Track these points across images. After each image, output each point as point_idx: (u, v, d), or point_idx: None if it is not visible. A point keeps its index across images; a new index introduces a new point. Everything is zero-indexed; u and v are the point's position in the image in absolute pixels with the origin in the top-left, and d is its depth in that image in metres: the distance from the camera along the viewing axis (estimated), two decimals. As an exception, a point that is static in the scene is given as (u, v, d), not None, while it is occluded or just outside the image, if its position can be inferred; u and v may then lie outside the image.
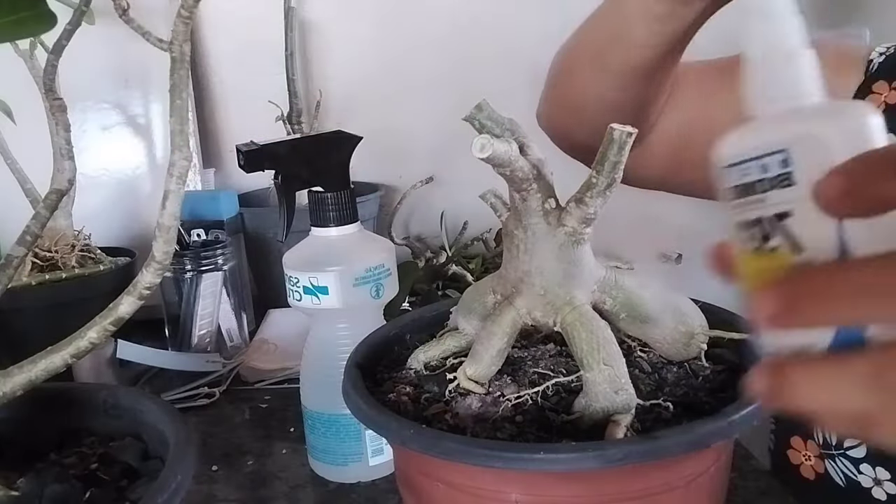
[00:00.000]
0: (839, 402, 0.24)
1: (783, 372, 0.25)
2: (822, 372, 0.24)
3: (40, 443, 0.46)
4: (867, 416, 0.24)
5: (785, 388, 0.25)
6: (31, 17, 0.38)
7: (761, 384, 0.26)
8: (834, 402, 0.24)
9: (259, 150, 0.58)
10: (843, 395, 0.24)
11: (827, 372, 0.24)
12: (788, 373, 0.25)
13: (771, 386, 0.25)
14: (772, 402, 0.25)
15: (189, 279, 0.85)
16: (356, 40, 1.14)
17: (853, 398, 0.24)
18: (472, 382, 0.43)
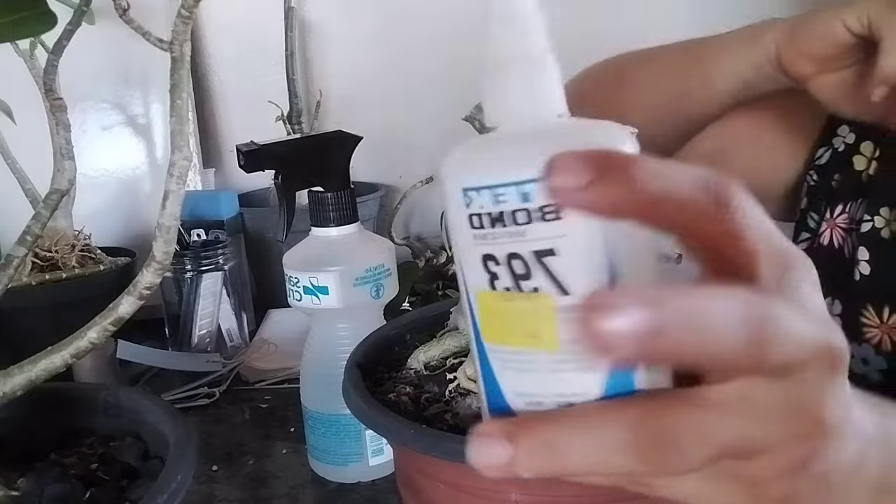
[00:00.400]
0: (597, 464, 0.21)
1: (535, 433, 0.21)
2: (583, 436, 0.21)
3: (40, 443, 0.46)
4: (622, 476, 0.23)
5: (538, 453, 0.21)
6: (31, 17, 0.38)
7: (495, 452, 0.21)
8: (592, 465, 0.21)
9: (259, 150, 0.58)
10: (603, 459, 0.20)
11: (588, 435, 0.21)
12: (542, 436, 0.21)
13: (521, 451, 0.21)
14: (511, 469, 0.21)
15: (189, 279, 0.85)
16: (356, 40, 1.14)
17: (614, 461, 0.20)
18: (472, 382, 0.43)
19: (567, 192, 0.19)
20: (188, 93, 0.38)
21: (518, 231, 0.22)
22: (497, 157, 0.22)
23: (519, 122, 0.24)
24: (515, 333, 0.22)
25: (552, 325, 0.22)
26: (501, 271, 0.22)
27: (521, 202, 0.21)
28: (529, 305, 0.22)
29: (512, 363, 0.23)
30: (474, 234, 0.23)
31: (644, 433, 0.20)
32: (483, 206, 0.22)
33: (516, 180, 0.21)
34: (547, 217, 0.21)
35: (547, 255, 0.21)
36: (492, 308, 0.23)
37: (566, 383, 0.22)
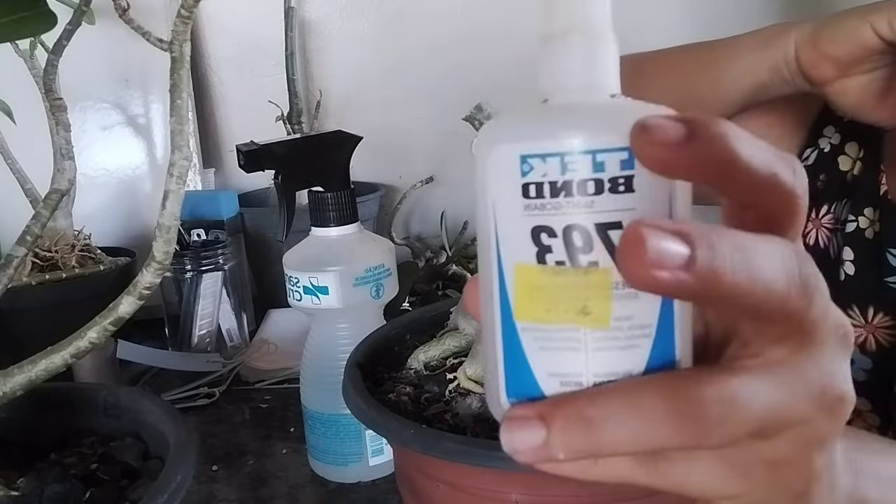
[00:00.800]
0: (633, 439, 0.20)
1: (569, 411, 0.21)
2: (620, 410, 0.21)
3: (40, 443, 0.46)
4: (658, 454, 0.22)
5: (573, 431, 0.21)
6: (31, 17, 0.38)
7: (531, 434, 0.21)
8: (629, 439, 0.20)
9: (259, 150, 0.58)
10: (640, 432, 0.20)
11: (621, 405, 0.21)
12: (579, 411, 0.21)
13: (555, 430, 0.21)
14: (548, 452, 0.21)
15: (189, 279, 0.85)
16: (356, 40, 1.14)
17: (651, 433, 0.20)
18: (472, 382, 0.43)
19: (662, 150, 0.19)
20: (188, 93, 0.38)
21: (585, 202, 0.21)
22: (567, 124, 0.21)
23: (573, 96, 0.23)
24: (562, 309, 0.22)
25: (607, 301, 0.21)
26: (556, 244, 0.21)
27: (594, 171, 0.21)
28: (584, 280, 0.21)
29: (551, 342, 0.22)
30: (527, 204, 0.22)
31: (682, 401, 0.20)
32: (546, 173, 0.21)
33: (592, 148, 0.21)
34: (619, 188, 0.21)
35: (612, 228, 0.21)
36: (535, 283, 0.22)
37: (611, 361, 0.22)
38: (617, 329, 0.21)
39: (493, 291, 0.23)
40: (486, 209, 0.23)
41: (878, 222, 0.59)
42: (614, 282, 0.21)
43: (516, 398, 0.23)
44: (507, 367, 0.23)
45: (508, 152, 0.22)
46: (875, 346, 0.58)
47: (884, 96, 0.53)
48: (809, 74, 0.54)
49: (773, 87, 0.58)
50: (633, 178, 0.21)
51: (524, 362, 0.23)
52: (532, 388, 0.22)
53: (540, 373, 0.22)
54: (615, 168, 0.21)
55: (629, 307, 0.21)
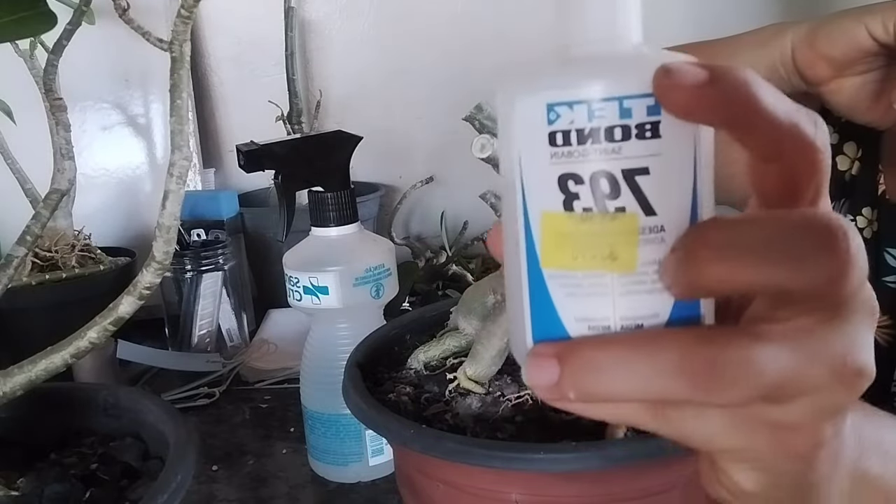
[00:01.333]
0: (644, 388, 0.21)
1: (582, 353, 0.22)
2: (633, 358, 0.21)
3: (40, 443, 0.46)
4: (665, 402, 0.23)
5: (583, 373, 0.21)
6: (32, 17, 0.38)
7: (546, 372, 0.22)
8: (638, 388, 0.21)
9: (259, 150, 0.58)
10: (649, 382, 0.21)
11: (634, 354, 0.21)
12: (591, 354, 0.21)
13: (567, 370, 0.22)
14: (560, 390, 0.22)
15: (189, 279, 0.85)
16: (356, 40, 1.14)
17: (660, 385, 0.21)
18: (472, 382, 0.43)
19: (684, 93, 0.20)
20: (188, 93, 0.38)
21: (612, 148, 0.21)
22: (593, 72, 0.22)
23: (597, 45, 0.23)
24: (588, 255, 0.22)
25: (634, 246, 0.22)
26: (583, 190, 0.22)
27: (621, 118, 0.21)
28: (611, 226, 0.22)
29: (579, 288, 0.22)
30: (554, 153, 0.22)
31: (697, 359, 0.20)
32: (574, 121, 0.21)
33: (619, 95, 0.21)
34: (646, 134, 0.21)
35: (639, 174, 0.21)
36: (562, 230, 0.22)
37: (638, 305, 0.22)
38: (643, 273, 0.22)
39: (518, 240, 0.23)
40: (512, 159, 0.23)
41: (876, 222, 0.59)
42: (641, 227, 0.21)
43: (547, 342, 0.23)
44: (533, 314, 0.23)
45: (534, 101, 0.22)
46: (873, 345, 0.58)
47: (877, 97, 0.53)
48: (805, 74, 0.54)
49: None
50: (660, 124, 0.21)
51: (551, 308, 0.23)
52: (559, 331, 0.23)
53: (567, 318, 0.23)
54: (641, 114, 0.21)
55: (655, 251, 0.22)
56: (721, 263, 0.20)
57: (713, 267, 0.20)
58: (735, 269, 0.20)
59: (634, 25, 0.23)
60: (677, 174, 0.22)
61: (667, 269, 0.21)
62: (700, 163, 0.22)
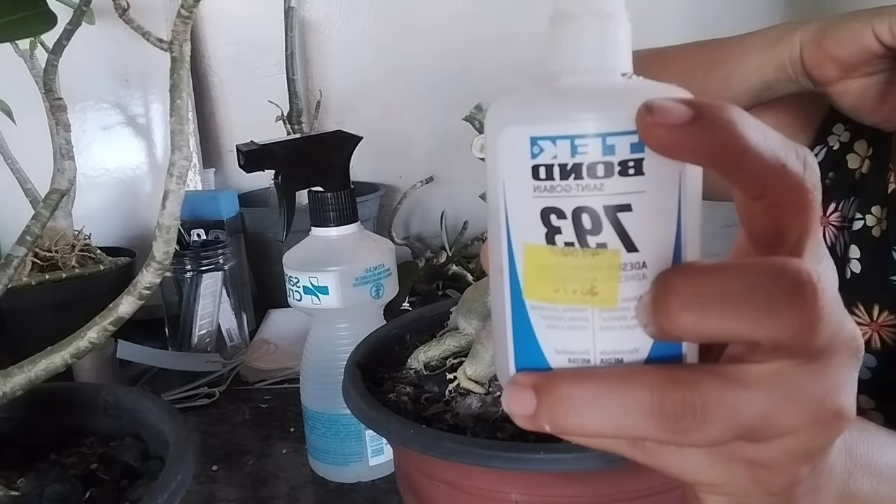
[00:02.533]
0: (616, 426, 0.21)
1: (557, 388, 0.22)
2: (606, 395, 0.21)
3: (40, 443, 0.46)
4: (637, 440, 0.23)
5: (557, 408, 0.21)
6: (32, 17, 0.38)
7: (523, 402, 0.22)
8: (610, 426, 0.21)
9: (259, 150, 0.58)
10: (621, 421, 0.21)
11: (607, 393, 0.21)
12: (566, 390, 0.21)
13: (543, 404, 0.22)
14: (536, 422, 0.22)
15: (189, 279, 0.85)
16: (356, 40, 1.14)
17: (632, 425, 0.21)
18: (472, 382, 0.43)
19: (666, 132, 0.19)
20: (188, 93, 0.38)
21: (594, 184, 0.21)
22: (577, 107, 0.22)
23: (585, 76, 0.23)
24: (570, 290, 0.22)
25: (615, 282, 0.22)
26: (565, 225, 0.22)
27: (604, 155, 0.21)
28: (593, 261, 0.22)
29: (559, 321, 0.22)
30: (537, 186, 0.22)
31: (669, 400, 0.20)
32: (557, 156, 0.21)
33: (602, 132, 0.21)
34: (629, 171, 0.21)
35: (622, 211, 0.21)
36: (544, 263, 0.22)
37: (618, 340, 0.22)
38: (624, 309, 0.22)
39: (502, 268, 0.23)
40: (497, 188, 0.23)
41: (886, 221, 0.59)
42: (622, 263, 0.22)
43: (529, 371, 0.23)
44: (516, 342, 0.23)
45: (519, 134, 0.22)
46: (880, 344, 0.58)
47: (882, 99, 0.53)
48: (812, 74, 0.54)
49: (778, 85, 0.58)
50: (643, 161, 0.21)
51: (532, 338, 0.23)
52: (540, 361, 0.23)
53: (548, 349, 0.23)
54: (625, 151, 0.21)
55: (637, 288, 0.22)
56: (688, 312, 0.20)
57: (680, 315, 0.20)
58: (701, 318, 0.20)
59: (624, 56, 0.23)
60: (661, 211, 0.22)
61: (640, 310, 0.21)
62: (685, 200, 0.22)
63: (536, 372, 0.23)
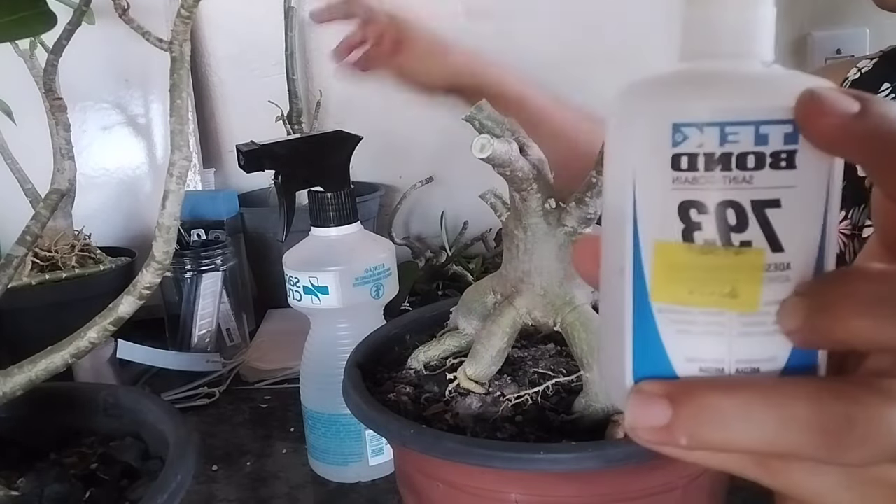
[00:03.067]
0: (769, 441, 0.19)
1: (701, 397, 0.20)
2: (760, 407, 0.19)
3: (40, 443, 0.46)
4: (786, 457, 0.21)
5: (701, 418, 0.20)
6: (32, 17, 0.38)
7: (655, 413, 0.20)
8: (763, 440, 0.19)
9: (259, 150, 0.58)
10: (776, 435, 0.19)
11: (761, 404, 0.19)
12: (712, 400, 0.20)
13: (682, 414, 0.20)
14: (669, 435, 0.20)
15: (189, 279, 0.85)
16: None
17: (787, 439, 0.19)
18: (472, 382, 0.43)
19: (832, 123, 0.18)
20: (188, 93, 0.38)
21: (743, 176, 0.20)
22: (729, 92, 0.20)
23: (727, 61, 0.21)
24: (707, 291, 0.20)
25: (758, 283, 0.20)
26: (706, 221, 0.20)
27: (755, 144, 0.20)
28: (735, 261, 0.20)
29: (693, 325, 0.21)
30: (676, 177, 0.20)
31: (829, 414, 0.19)
32: (703, 144, 0.20)
33: (756, 119, 0.19)
34: (780, 164, 0.20)
35: (770, 206, 0.20)
36: (679, 262, 0.21)
37: (756, 348, 0.21)
38: (765, 314, 0.20)
39: (623, 268, 0.21)
40: (623, 181, 0.21)
41: None
42: (766, 263, 0.20)
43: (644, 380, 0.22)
44: (637, 350, 0.22)
45: (658, 119, 0.20)
46: None
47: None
48: None
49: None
50: (796, 154, 0.20)
51: (658, 345, 0.21)
52: (665, 370, 0.21)
53: (676, 357, 0.21)
54: (778, 141, 0.20)
55: (779, 291, 0.20)
56: (864, 319, 0.19)
57: (854, 321, 0.19)
58: (880, 324, 0.19)
59: (767, 43, 0.22)
60: (809, 209, 0.20)
61: (793, 314, 0.20)
62: (831, 198, 0.20)
63: (664, 380, 0.21)
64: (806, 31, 1.06)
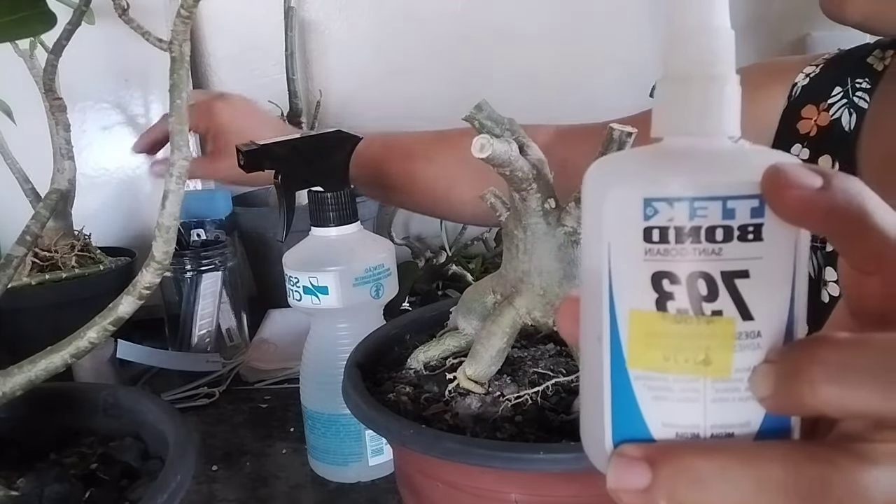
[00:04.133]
0: (745, 502, 0.20)
1: (679, 460, 0.20)
2: (736, 470, 0.20)
3: (40, 443, 0.46)
4: None
5: (680, 480, 0.20)
6: (31, 17, 0.38)
7: (634, 475, 0.21)
8: (737, 502, 0.20)
9: (259, 150, 0.58)
10: (752, 498, 0.20)
11: (737, 466, 0.20)
12: (689, 462, 0.20)
13: (661, 476, 0.20)
14: (649, 497, 0.20)
15: (189, 279, 0.85)
16: (356, 40, 1.14)
17: (761, 501, 0.19)
18: (471, 382, 0.43)
19: (796, 197, 0.19)
20: (188, 93, 0.38)
21: (713, 249, 0.21)
22: (697, 169, 0.21)
23: (695, 139, 0.22)
24: (681, 359, 0.21)
25: (729, 351, 0.21)
26: (678, 291, 0.21)
27: (723, 218, 0.20)
28: (707, 329, 0.21)
29: (668, 392, 0.22)
30: (648, 249, 0.21)
31: (805, 478, 0.19)
32: (673, 218, 0.21)
33: (723, 194, 0.20)
34: (748, 237, 0.21)
35: (739, 277, 0.21)
36: (653, 330, 0.21)
37: (730, 413, 0.21)
38: (737, 381, 0.21)
39: (601, 335, 0.22)
40: (600, 251, 0.22)
41: None
42: (738, 332, 0.21)
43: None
44: (615, 415, 0.22)
45: (630, 194, 0.21)
46: None
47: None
48: None
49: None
50: (763, 227, 0.21)
51: (635, 410, 0.22)
52: (642, 435, 0.22)
53: (653, 422, 0.22)
54: (745, 215, 0.20)
55: (750, 358, 0.21)
56: (834, 385, 0.19)
57: (824, 387, 0.19)
58: (849, 392, 0.19)
59: (733, 119, 0.23)
60: (777, 278, 0.21)
61: (764, 381, 0.21)
62: (798, 267, 0.21)
63: (643, 444, 0.21)
64: (806, 31, 1.06)
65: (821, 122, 0.63)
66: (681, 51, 0.23)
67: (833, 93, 0.63)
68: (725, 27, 0.22)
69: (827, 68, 0.64)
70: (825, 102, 0.62)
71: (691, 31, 0.22)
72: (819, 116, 0.63)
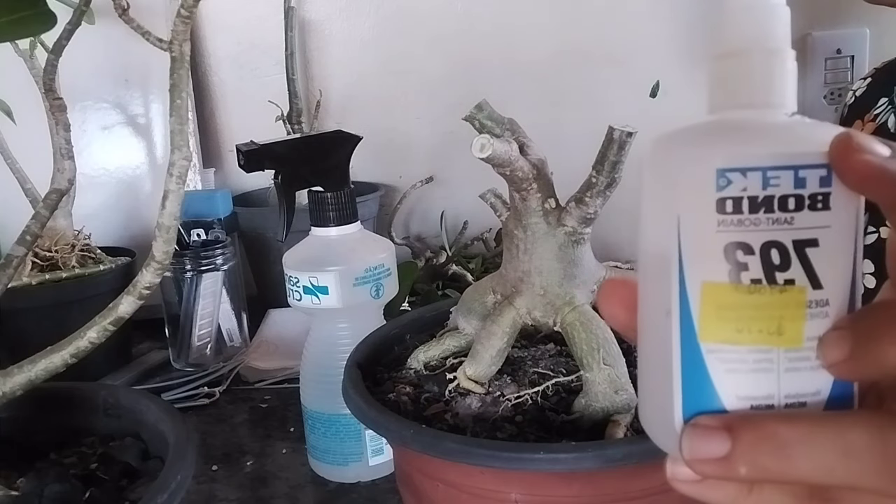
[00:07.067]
0: (829, 469, 0.19)
1: (762, 427, 0.20)
2: (821, 436, 0.20)
3: (40, 443, 0.46)
4: (845, 487, 0.21)
5: (763, 448, 0.20)
6: (31, 17, 0.38)
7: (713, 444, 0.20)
8: (823, 468, 0.20)
9: (259, 149, 0.58)
10: (839, 464, 0.19)
11: (823, 433, 0.20)
12: (772, 429, 0.20)
13: (743, 444, 0.20)
14: (729, 465, 0.20)
15: (189, 279, 0.85)
16: (356, 40, 1.14)
17: (851, 468, 0.19)
18: (472, 382, 0.43)
19: (866, 163, 0.20)
20: (188, 93, 0.38)
21: (785, 218, 0.21)
22: (769, 139, 0.22)
23: (752, 113, 0.23)
24: (755, 329, 0.21)
25: (801, 320, 0.21)
26: (752, 261, 0.21)
27: (795, 187, 0.21)
28: (780, 299, 0.21)
29: (742, 363, 0.22)
30: (722, 220, 0.21)
31: (891, 443, 0.19)
32: (747, 188, 0.21)
33: (795, 163, 0.21)
34: (817, 205, 0.21)
35: (809, 246, 0.21)
36: (726, 302, 0.21)
37: (802, 383, 0.21)
38: (808, 349, 0.21)
39: (669, 310, 0.22)
40: (667, 225, 0.22)
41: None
42: (808, 300, 0.21)
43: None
44: (686, 390, 0.22)
45: (702, 166, 0.21)
46: None
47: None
48: None
49: None
50: (830, 196, 0.21)
51: (708, 385, 0.22)
52: (716, 408, 0.22)
53: (727, 395, 0.22)
54: (815, 184, 0.21)
55: (819, 326, 0.21)
56: None
57: None
58: None
59: (792, 94, 0.23)
60: (842, 247, 0.21)
61: (837, 347, 0.21)
62: (858, 238, 0.22)
63: (720, 414, 0.21)
64: (806, 31, 1.06)
65: (866, 130, 0.63)
66: (738, 26, 0.23)
67: (878, 104, 0.64)
68: (781, 3, 0.23)
69: (873, 83, 0.66)
70: (870, 113, 0.63)
71: (748, 7, 0.23)
72: (865, 127, 0.64)
